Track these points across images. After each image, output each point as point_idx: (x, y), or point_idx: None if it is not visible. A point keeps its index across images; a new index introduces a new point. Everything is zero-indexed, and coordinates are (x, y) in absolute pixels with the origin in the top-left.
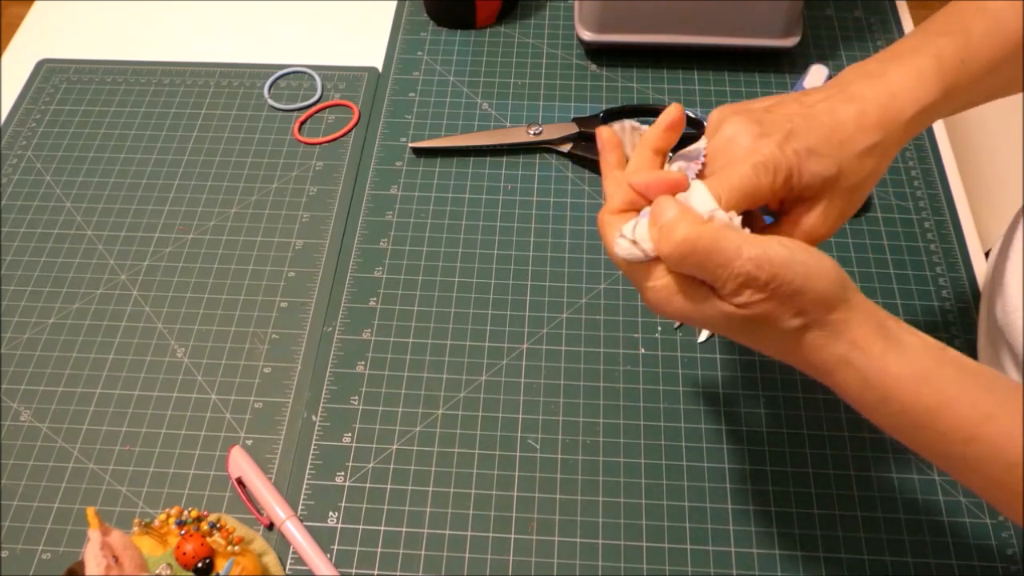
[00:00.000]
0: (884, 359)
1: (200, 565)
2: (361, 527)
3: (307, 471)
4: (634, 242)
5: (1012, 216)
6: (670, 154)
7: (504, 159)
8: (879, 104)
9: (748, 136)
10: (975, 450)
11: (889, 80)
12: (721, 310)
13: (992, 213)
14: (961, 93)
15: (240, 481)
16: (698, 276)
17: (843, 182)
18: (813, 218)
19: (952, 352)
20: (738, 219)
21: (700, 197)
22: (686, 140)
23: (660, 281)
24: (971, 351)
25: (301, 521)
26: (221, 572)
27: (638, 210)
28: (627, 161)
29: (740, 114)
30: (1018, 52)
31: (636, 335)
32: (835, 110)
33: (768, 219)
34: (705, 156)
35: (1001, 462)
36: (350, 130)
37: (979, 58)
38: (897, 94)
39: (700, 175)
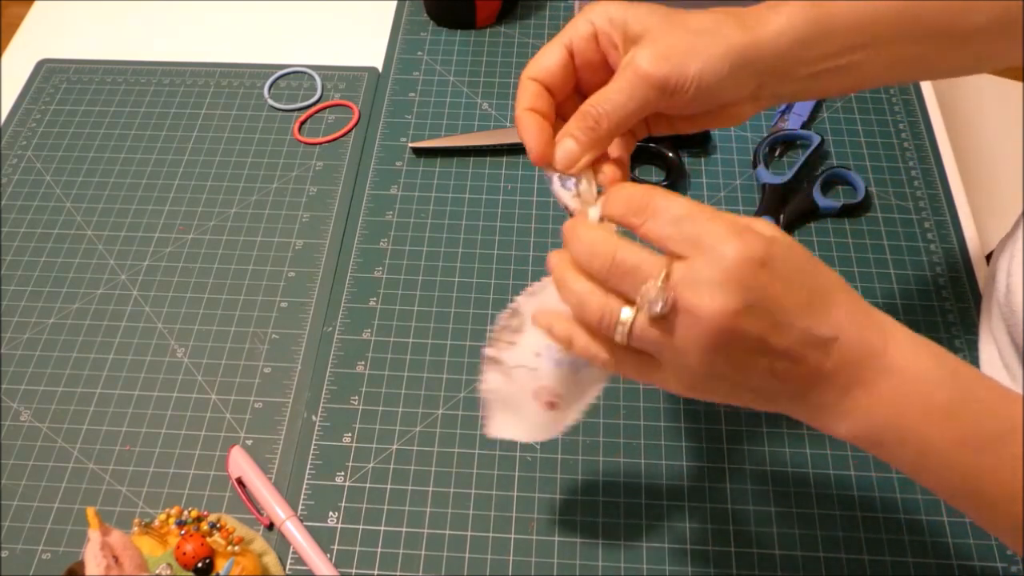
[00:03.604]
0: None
1: (200, 565)
2: (361, 527)
3: (307, 471)
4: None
5: (1013, 212)
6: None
7: (504, 159)
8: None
9: None
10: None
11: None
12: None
13: (992, 213)
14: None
15: (240, 481)
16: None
17: None
18: None
19: None
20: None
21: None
22: (686, 138)
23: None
24: (972, 351)
25: (301, 521)
26: (221, 572)
27: None
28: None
29: None
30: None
31: None
32: None
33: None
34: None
35: None
36: (350, 130)
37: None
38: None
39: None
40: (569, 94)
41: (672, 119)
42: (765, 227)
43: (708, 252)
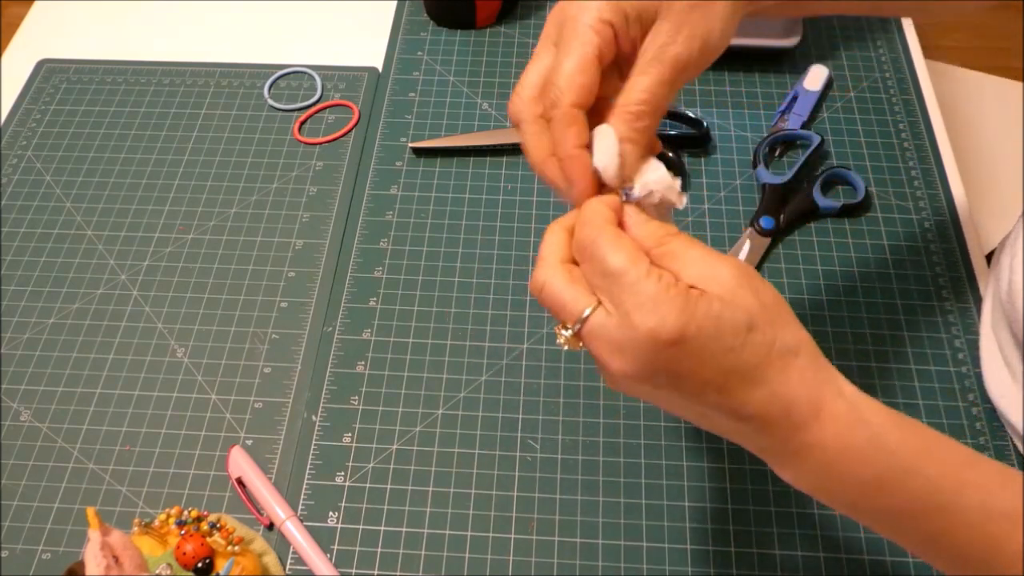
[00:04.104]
0: (859, 395)
1: (200, 565)
2: (361, 527)
3: (307, 471)
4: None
5: (1013, 212)
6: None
7: (504, 159)
8: None
9: None
10: (967, 499)
11: None
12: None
13: (992, 213)
14: None
15: (240, 481)
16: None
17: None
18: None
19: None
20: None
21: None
22: (686, 139)
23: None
24: (972, 351)
25: (301, 521)
26: (221, 572)
27: None
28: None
29: None
30: None
31: None
32: None
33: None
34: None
35: (996, 508)
36: (350, 130)
37: None
38: None
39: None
40: None
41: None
42: (723, 280)
43: (623, 317)
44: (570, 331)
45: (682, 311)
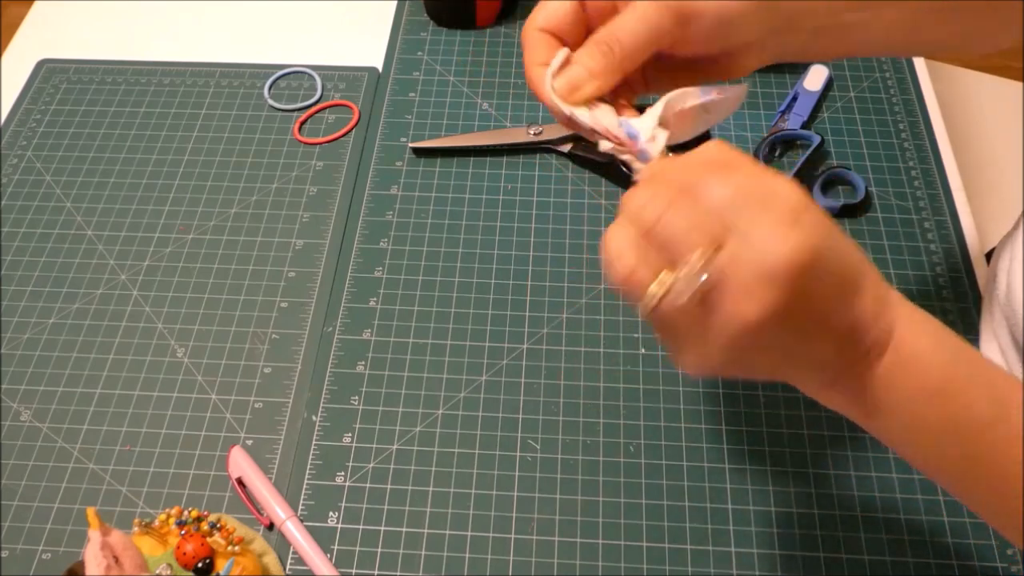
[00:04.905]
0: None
1: (200, 565)
2: (361, 527)
3: (307, 471)
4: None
5: (1013, 212)
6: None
7: (504, 159)
8: None
9: None
10: (1017, 413)
11: None
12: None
13: (992, 213)
14: None
15: (240, 481)
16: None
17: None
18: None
19: None
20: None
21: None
22: (695, 139)
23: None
24: None
25: (301, 521)
26: (221, 572)
27: None
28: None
29: None
30: None
31: (636, 335)
32: None
33: None
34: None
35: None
36: (350, 130)
37: None
38: None
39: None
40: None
41: (673, 71)
42: (803, 204)
43: (765, 228)
44: (696, 266)
45: (809, 206)
